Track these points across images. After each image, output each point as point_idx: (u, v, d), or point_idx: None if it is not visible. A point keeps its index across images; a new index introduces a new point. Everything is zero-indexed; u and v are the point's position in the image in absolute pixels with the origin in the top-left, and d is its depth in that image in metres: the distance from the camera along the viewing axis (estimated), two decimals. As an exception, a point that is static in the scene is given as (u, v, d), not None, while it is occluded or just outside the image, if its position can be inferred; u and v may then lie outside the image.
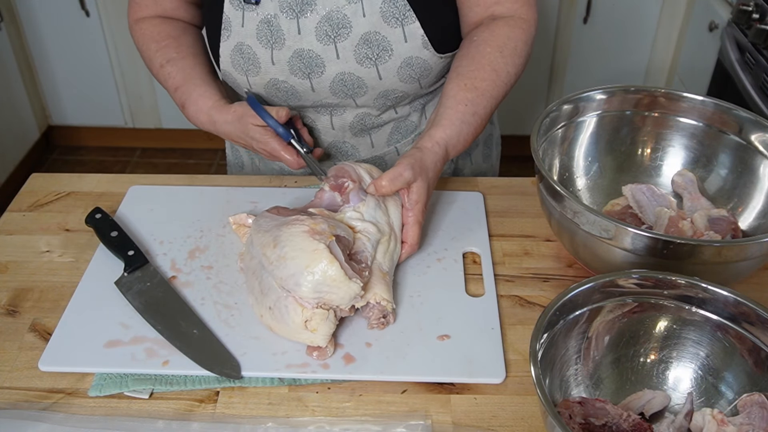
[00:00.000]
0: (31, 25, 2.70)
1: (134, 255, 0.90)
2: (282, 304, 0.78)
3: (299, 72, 1.02)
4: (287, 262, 0.78)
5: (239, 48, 1.02)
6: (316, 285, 0.76)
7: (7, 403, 0.75)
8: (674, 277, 0.73)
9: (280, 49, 1.00)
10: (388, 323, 0.82)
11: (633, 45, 2.67)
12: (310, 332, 0.77)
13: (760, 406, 0.68)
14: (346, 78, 1.02)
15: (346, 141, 1.14)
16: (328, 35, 0.99)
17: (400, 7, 0.98)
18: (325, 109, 1.09)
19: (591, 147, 1.01)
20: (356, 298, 0.78)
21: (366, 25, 0.98)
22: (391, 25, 0.99)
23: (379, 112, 1.10)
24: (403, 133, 1.16)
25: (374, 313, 0.81)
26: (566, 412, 0.68)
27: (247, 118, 0.99)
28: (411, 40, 1.00)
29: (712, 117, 0.96)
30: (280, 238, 0.80)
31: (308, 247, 0.77)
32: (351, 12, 0.98)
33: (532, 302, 0.88)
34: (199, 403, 0.76)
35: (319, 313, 0.77)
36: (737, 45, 1.94)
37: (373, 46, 1.00)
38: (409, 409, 0.75)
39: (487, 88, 0.97)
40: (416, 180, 0.88)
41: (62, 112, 2.95)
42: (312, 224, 0.80)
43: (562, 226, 0.86)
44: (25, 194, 1.06)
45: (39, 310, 0.86)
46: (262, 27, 1.00)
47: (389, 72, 1.02)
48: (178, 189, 1.06)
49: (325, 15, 0.98)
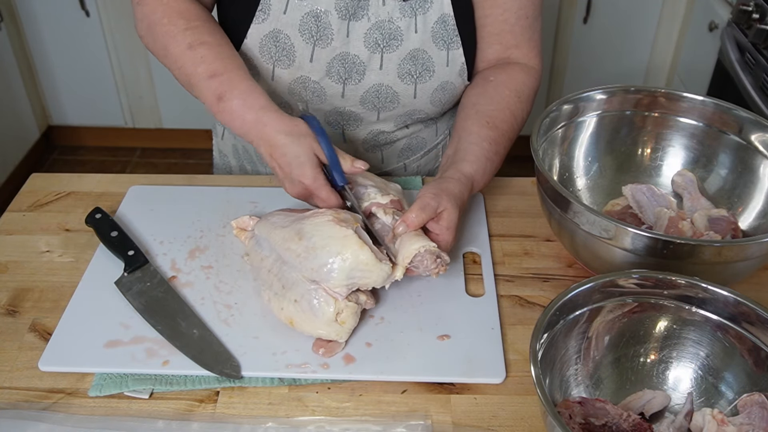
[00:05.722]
0: (31, 25, 2.70)
1: (134, 255, 0.90)
2: (311, 297, 0.79)
3: (336, 75, 1.00)
4: (317, 252, 0.78)
5: (274, 35, 0.97)
6: (349, 271, 0.77)
7: (7, 403, 0.75)
8: (674, 277, 0.73)
9: (324, 47, 0.97)
10: (446, 263, 0.82)
11: (633, 45, 2.67)
12: (338, 325, 0.78)
13: (760, 406, 0.68)
14: (382, 90, 1.01)
15: (357, 156, 1.12)
16: (377, 44, 0.97)
17: (450, 30, 0.98)
18: (341, 118, 1.07)
19: (591, 147, 1.01)
20: (387, 278, 0.79)
21: (416, 42, 0.98)
22: (439, 47, 0.99)
23: (395, 128, 1.10)
24: (414, 149, 1.16)
25: (427, 260, 0.81)
26: (566, 412, 0.68)
27: (308, 140, 0.86)
28: (452, 65, 1.01)
29: (712, 117, 0.96)
30: (305, 230, 0.81)
31: (337, 234, 0.78)
32: (404, 25, 0.97)
33: (532, 302, 0.88)
34: (199, 403, 0.76)
35: (351, 306, 0.79)
36: (737, 45, 1.94)
37: (417, 64, 0.99)
38: (409, 409, 0.75)
39: (506, 129, 0.97)
40: (446, 207, 0.84)
41: (62, 112, 2.95)
42: (335, 214, 0.82)
43: (562, 226, 0.86)
44: (25, 194, 1.06)
45: (39, 310, 0.86)
46: (308, 20, 0.96)
47: (425, 92, 1.02)
48: (178, 189, 1.06)
49: (376, 23, 0.96)
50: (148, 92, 2.84)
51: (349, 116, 1.06)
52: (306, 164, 0.84)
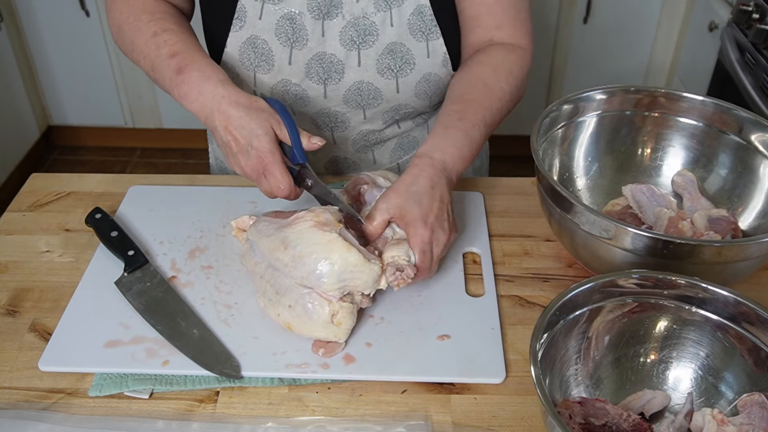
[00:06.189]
0: (31, 25, 2.70)
1: (134, 255, 0.90)
2: (305, 301, 0.78)
3: (315, 76, 0.99)
4: (304, 260, 0.77)
5: (252, 42, 0.97)
6: (339, 274, 0.76)
7: (7, 403, 0.75)
8: (674, 277, 0.73)
9: (301, 49, 0.97)
10: (408, 277, 0.79)
11: (633, 45, 2.67)
12: (335, 326, 0.78)
13: (760, 406, 0.68)
14: (363, 87, 1.01)
15: (348, 157, 1.12)
16: (353, 41, 0.97)
17: (427, 21, 0.97)
18: (329, 120, 1.06)
19: (591, 147, 1.01)
20: (379, 279, 0.78)
21: (393, 35, 0.97)
22: (417, 39, 0.98)
23: (384, 126, 1.09)
24: (405, 149, 1.15)
25: (389, 271, 0.79)
26: (566, 412, 0.68)
27: (265, 114, 0.85)
28: (433, 56, 1.00)
29: (712, 117, 0.96)
30: (289, 238, 0.79)
31: (322, 240, 0.77)
32: (379, 20, 0.96)
33: (532, 302, 0.88)
34: (199, 403, 0.76)
35: (345, 306, 0.78)
36: (737, 45, 1.94)
37: (396, 58, 0.98)
38: (409, 409, 0.75)
39: (476, 98, 0.93)
40: (396, 206, 0.81)
41: (62, 112, 2.95)
42: (315, 217, 0.80)
43: (562, 226, 0.86)
44: (25, 194, 1.06)
45: (39, 310, 0.86)
46: (284, 23, 0.96)
47: (408, 86, 1.01)
48: (178, 189, 1.06)
49: (351, 20, 0.96)
50: (148, 92, 2.84)
51: (336, 117, 1.06)
52: (263, 137, 0.83)
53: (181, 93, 0.89)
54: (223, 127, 0.85)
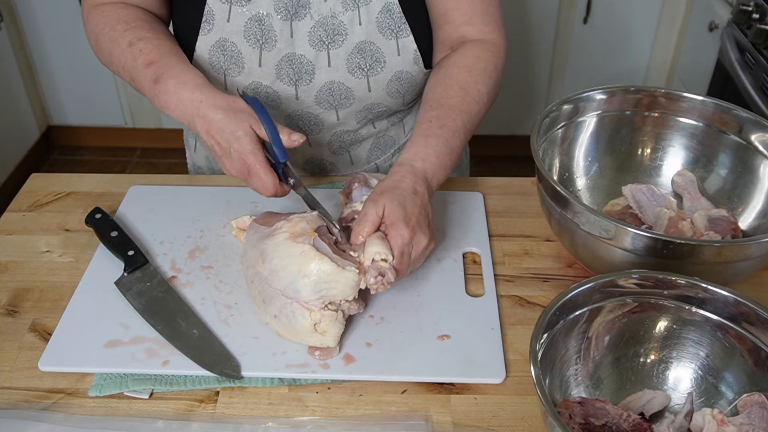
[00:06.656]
0: (31, 25, 2.70)
1: (134, 255, 0.90)
2: (288, 311, 0.78)
3: (286, 77, 0.99)
4: (280, 273, 0.77)
5: (221, 44, 0.97)
6: (315, 285, 0.76)
7: (7, 403, 0.75)
8: (674, 277, 0.73)
9: (270, 50, 0.97)
10: (388, 282, 0.77)
11: (633, 45, 2.67)
12: (320, 335, 0.77)
13: (760, 406, 0.68)
14: (334, 87, 1.00)
15: (324, 158, 1.12)
16: (321, 41, 0.97)
17: (396, 19, 0.97)
18: (302, 122, 1.06)
19: (591, 147, 1.01)
20: (357, 285, 0.77)
21: (361, 34, 0.97)
22: (386, 37, 0.98)
23: (359, 126, 1.08)
24: (382, 148, 1.15)
25: (371, 273, 0.77)
26: (566, 412, 0.68)
27: (244, 115, 0.84)
28: (404, 54, 0.99)
29: (712, 117, 0.96)
30: (266, 251, 0.80)
31: (295, 252, 0.77)
32: (347, 19, 0.96)
33: (532, 302, 0.88)
34: (199, 403, 0.76)
35: (327, 315, 0.77)
36: (737, 45, 1.94)
37: (366, 57, 0.98)
38: (409, 409, 0.75)
39: (454, 104, 0.92)
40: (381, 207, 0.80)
41: (62, 112, 2.94)
42: (291, 228, 0.80)
43: (562, 226, 0.86)
44: (25, 194, 1.06)
45: (39, 310, 0.86)
46: (252, 25, 0.96)
47: (379, 85, 1.01)
48: (178, 189, 1.06)
49: (319, 20, 0.96)
50: (148, 92, 2.84)
51: (309, 119, 1.05)
52: (243, 138, 0.83)
53: (162, 102, 0.89)
54: (205, 132, 0.85)
